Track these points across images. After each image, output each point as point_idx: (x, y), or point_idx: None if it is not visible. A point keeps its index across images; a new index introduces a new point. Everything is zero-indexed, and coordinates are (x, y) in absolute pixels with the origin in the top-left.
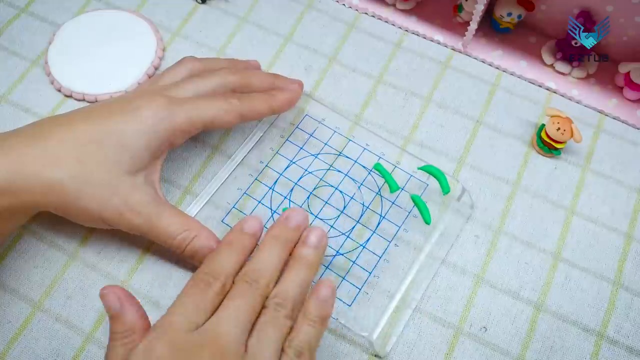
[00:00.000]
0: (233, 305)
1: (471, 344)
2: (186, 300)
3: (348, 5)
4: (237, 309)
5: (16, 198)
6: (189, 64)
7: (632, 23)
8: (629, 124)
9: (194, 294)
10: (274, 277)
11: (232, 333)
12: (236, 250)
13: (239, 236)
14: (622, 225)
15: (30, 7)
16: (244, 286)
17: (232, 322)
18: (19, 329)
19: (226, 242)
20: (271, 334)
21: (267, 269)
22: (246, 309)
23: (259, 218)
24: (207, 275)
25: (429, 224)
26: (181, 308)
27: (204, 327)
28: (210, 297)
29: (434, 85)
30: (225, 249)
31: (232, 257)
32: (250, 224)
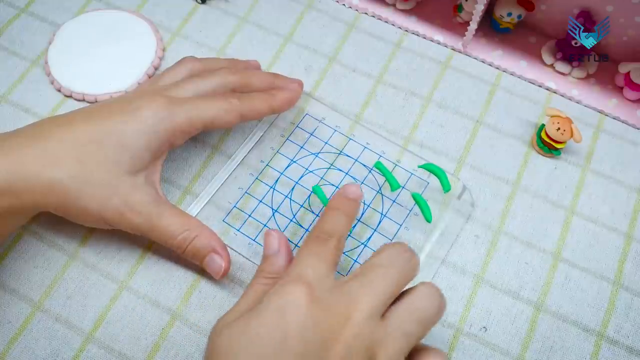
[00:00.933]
0: (379, 283)
1: (471, 344)
2: (310, 253)
3: (348, 5)
4: (382, 287)
5: (16, 198)
6: (189, 64)
7: (632, 23)
8: (629, 124)
9: (316, 247)
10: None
11: (374, 312)
12: (343, 214)
13: (343, 201)
14: (622, 225)
15: (30, 7)
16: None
17: (374, 298)
18: (19, 329)
19: (333, 206)
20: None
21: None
22: (386, 292)
23: (358, 186)
24: (322, 234)
25: (430, 222)
26: (307, 260)
27: (345, 289)
28: (331, 251)
29: (434, 85)
30: (334, 211)
31: (341, 218)
32: (353, 190)
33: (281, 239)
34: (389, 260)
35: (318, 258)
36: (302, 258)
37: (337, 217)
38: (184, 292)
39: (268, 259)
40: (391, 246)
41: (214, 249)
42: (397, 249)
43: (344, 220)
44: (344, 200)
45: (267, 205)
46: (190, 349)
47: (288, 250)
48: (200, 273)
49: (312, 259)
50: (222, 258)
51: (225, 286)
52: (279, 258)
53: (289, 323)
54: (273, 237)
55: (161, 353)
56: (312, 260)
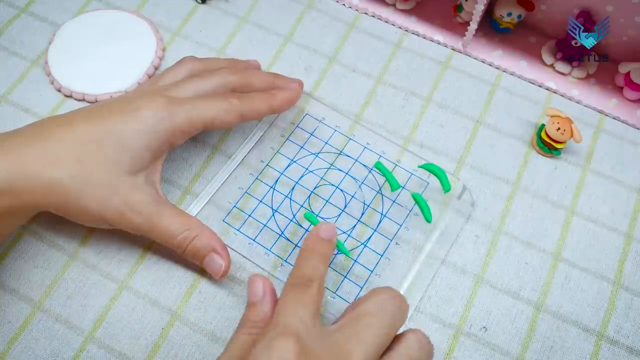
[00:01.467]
0: (370, 333)
1: (471, 344)
2: (293, 301)
3: (348, 5)
4: (373, 338)
5: (16, 198)
6: (189, 64)
7: (632, 23)
8: (629, 124)
9: (295, 296)
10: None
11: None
12: (319, 256)
13: (317, 243)
14: (622, 225)
15: (30, 7)
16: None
17: (366, 350)
18: (19, 329)
19: (308, 249)
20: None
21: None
22: (378, 343)
23: (331, 225)
24: (301, 280)
25: (430, 222)
26: (292, 309)
27: (335, 339)
28: (313, 298)
29: (434, 85)
30: (310, 254)
31: (318, 261)
32: (326, 229)
33: (265, 285)
34: (379, 308)
35: (302, 306)
36: (285, 307)
37: (314, 260)
38: (184, 292)
39: (253, 307)
40: (380, 292)
41: (214, 248)
42: (387, 295)
43: (321, 263)
44: (317, 241)
45: (267, 205)
46: (190, 349)
47: (273, 296)
48: (200, 273)
49: (296, 308)
50: (222, 258)
51: (225, 286)
52: (264, 305)
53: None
54: (257, 283)
55: (161, 353)
56: (296, 309)
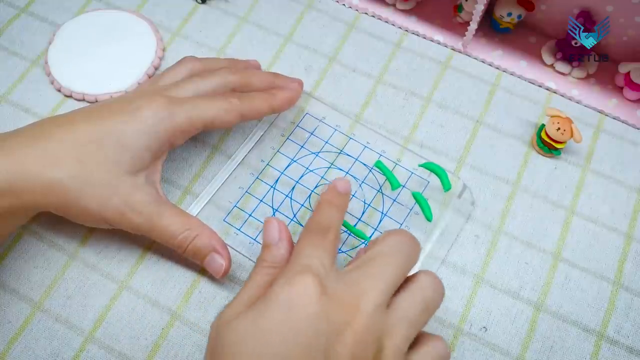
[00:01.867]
0: (384, 272)
1: (471, 344)
2: (311, 243)
3: (348, 5)
4: (387, 276)
5: (17, 198)
6: (189, 63)
7: (632, 23)
8: (629, 124)
9: (317, 238)
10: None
11: (381, 302)
12: (336, 207)
13: (335, 195)
14: (622, 225)
15: (30, 7)
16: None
17: (381, 287)
18: (19, 329)
19: (325, 201)
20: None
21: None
22: (392, 282)
23: (347, 179)
24: (320, 225)
25: (431, 221)
26: (311, 251)
27: (350, 278)
28: (331, 243)
29: (434, 85)
30: (327, 205)
31: (334, 212)
32: (343, 184)
33: (281, 227)
34: (393, 249)
35: (321, 249)
36: (304, 249)
37: (331, 211)
38: (184, 292)
39: (269, 248)
40: (394, 234)
41: (214, 248)
42: (400, 237)
43: (338, 213)
44: (335, 194)
45: (267, 205)
46: (190, 349)
47: (289, 239)
48: (200, 273)
49: (315, 250)
50: (223, 257)
51: (226, 286)
52: (280, 247)
53: (299, 316)
54: (273, 226)
55: (161, 353)
56: (315, 251)
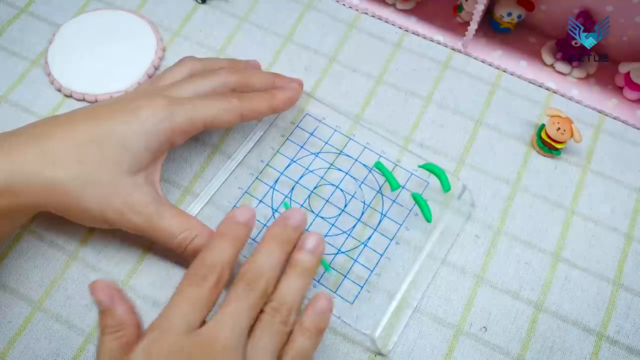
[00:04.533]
0: (232, 309)
1: (471, 344)
2: (183, 298)
3: (348, 5)
4: (236, 313)
5: (17, 198)
6: (189, 63)
7: (632, 23)
8: (629, 124)
9: (190, 291)
10: (273, 278)
11: (230, 338)
12: (230, 241)
13: (231, 226)
14: (622, 225)
15: (30, 7)
16: (242, 287)
17: (230, 326)
18: (19, 329)
19: (219, 234)
20: (267, 342)
21: (266, 269)
22: (245, 313)
23: (250, 207)
24: (202, 269)
25: (430, 222)
26: (178, 307)
27: (202, 331)
28: (207, 293)
29: (434, 85)
30: (219, 240)
31: (226, 247)
32: (242, 212)
33: (110, 288)
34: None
35: (192, 304)
36: (173, 305)
37: (222, 246)
38: None
39: (105, 313)
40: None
41: None
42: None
43: (231, 248)
44: (230, 224)
45: (267, 205)
46: None
47: (122, 296)
48: None
49: (184, 307)
50: None
51: None
52: (117, 309)
53: None
54: (98, 290)
55: None
56: (184, 308)
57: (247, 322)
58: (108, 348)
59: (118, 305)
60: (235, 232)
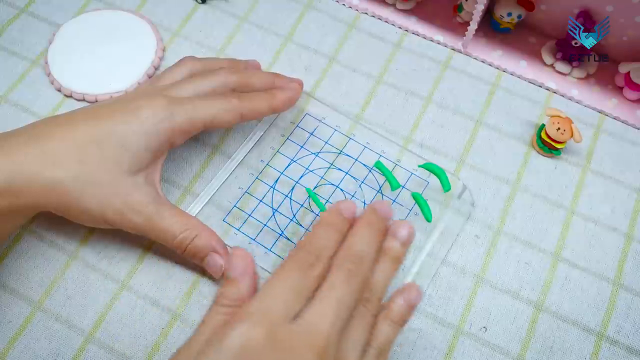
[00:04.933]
0: (335, 295)
1: (471, 344)
2: (287, 283)
3: (348, 5)
4: (339, 303)
5: (17, 198)
6: (189, 63)
7: (632, 23)
8: (629, 124)
9: (296, 277)
10: (372, 266)
11: (332, 333)
12: (337, 232)
13: (337, 218)
14: (622, 225)
15: (30, 7)
16: (345, 273)
17: (334, 316)
18: (19, 329)
19: (326, 222)
20: (360, 334)
21: (366, 255)
22: (348, 301)
23: (353, 203)
24: (310, 255)
25: (430, 221)
26: (281, 292)
27: (304, 319)
28: (312, 282)
29: (434, 85)
30: (327, 228)
31: (333, 237)
32: (347, 207)
33: (247, 260)
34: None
35: (295, 290)
36: (276, 288)
37: (330, 235)
38: (184, 292)
39: (231, 283)
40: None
41: (214, 248)
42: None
43: (336, 239)
44: (338, 217)
45: (267, 205)
46: None
47: (253, 275)
48: (200, 273)
49: (287, 293)
50: (222, 258)
51: None
52: (243, 282)
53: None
54: (238, 258)
55: (161, 353)
56: (285, 293)
57: (349, 312)
58: (215, 320)
59: (247, 281)
60: (341, 226)
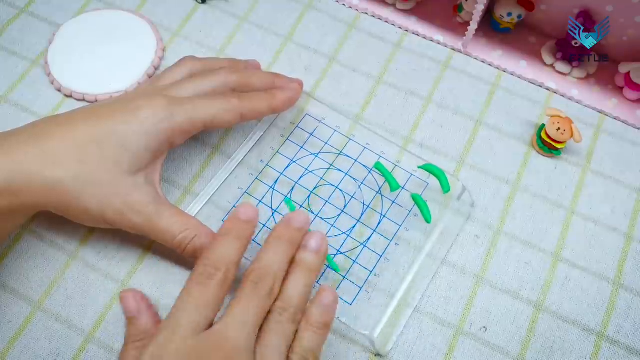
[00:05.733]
0: (240, 308)
1: (471, 344)
2: (189, 298)
3: (348, 5)
4: (245, 312)
5: (16, 198)
6: (189, 63)
7: (632, 23)
8: (629, 124)
9: (197, 290)
10: (279, 278)
11: (240, 338)
12: (235, 239)
13: (236, 224)
14: (622, 225)
15: (30, 7)
16: (250, 287)
17: (239, 326)
18: (19, 329)
19: (224, 231)
20: (276, 341)
21: (272, 269)
22: (253, 312)
23: (252, 205)
24: (207, 267)
25: (430, 222)
26: (185, 308)
27: (211, 331)
28: (214, 292)
29: (434, 85)
30: (224, 238)
31: (231, 245)
32: (245, 211)
33: (137, 298)
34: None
35: (197, 304)
36: (180, 305)
37: (227, 244)
38: None
39: (132, 322)
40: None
41: None
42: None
43: (236, 246)
44: (234, 222)
45: (266, 206)
46: None
47: (149, 306)
48: None
49: (191, 308)
50: None
51: None
52: (142, 319)
53: None
54: (128, 298)
55: None
56: (191, 309)
57: (256, 321)
58: (130, 355)
59: (144, 315)
60: (240, 231)
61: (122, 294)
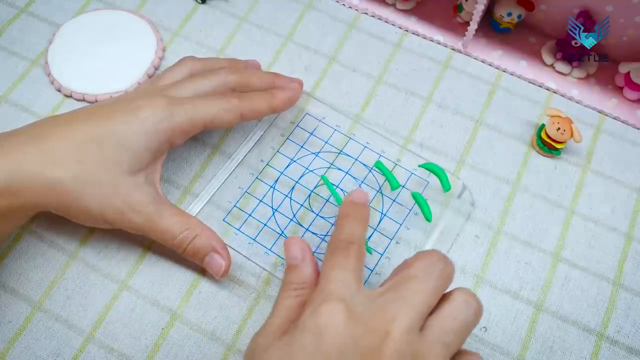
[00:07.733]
0: (415, 297)
1: (471, 344)
2: (334, 265)
3: (348, 5)
4: (418, 301)
5: (16, 198)
6: (189, 63)
7: (632, 23)
8: (629, 124)
9: (339, 259)
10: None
11: (413, 326)
12: (354, 219)
13: (352, 207)
14: (622, 225)
15: (30, 7)
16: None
17: (411, 312)
18: (19, 329)
19: (343, 214)
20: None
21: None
22: (423, 306)
23: (362, 190)
24: (341, 242)
25: (430, 221)
26: (334, 273)
27: (380, 303)
28: (353, 261)
29: (434, 85)
30: (345, 219)
31: (353, 224)
32: (359, 195)
33: (304, 246)
34: (424, 272)
35: (344, 270)
36: (328, 273)
37: (351, 224)
38: (184, 292)
39: (294, 269)
40: (425, 256)
41: (214, 248)
42: (432, 259)
43: (359, 225)
44: (352, 205)
45: (267, 205)
46: (190, 349)
47: (312, 257)
48: (200, 273)
49: (338, 273)
50: (223, 257)
51: (226, 286)
52: (304, 268)
53: (328, 345)
54: (295, 245)
55: (161, 353)
56: (339, 274)
57: (427, 307)
58: (286, 304)
59: (307, 264)
60: (357, 212)
61: (287, 240)
